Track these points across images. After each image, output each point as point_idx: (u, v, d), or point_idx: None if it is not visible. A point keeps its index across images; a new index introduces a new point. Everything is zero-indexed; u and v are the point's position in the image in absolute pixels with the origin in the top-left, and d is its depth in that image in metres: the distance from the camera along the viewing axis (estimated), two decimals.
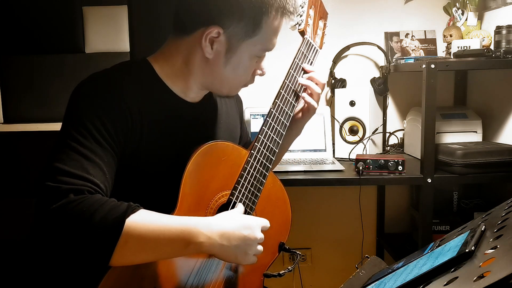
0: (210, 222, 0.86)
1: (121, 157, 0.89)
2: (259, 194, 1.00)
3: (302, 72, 1.09)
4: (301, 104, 1.12)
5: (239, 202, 0.97)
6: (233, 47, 0.93)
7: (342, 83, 1.91)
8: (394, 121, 2.03)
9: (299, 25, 1.07)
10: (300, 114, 1.13)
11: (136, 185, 0.92)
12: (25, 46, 2.71)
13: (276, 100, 1.04)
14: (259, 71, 1.02)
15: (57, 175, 0.80)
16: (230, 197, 0.97)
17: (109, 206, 0.79)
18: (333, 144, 1.84)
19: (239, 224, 0.89)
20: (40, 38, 2.70)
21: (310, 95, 1.09)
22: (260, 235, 0.91)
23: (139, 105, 0.91)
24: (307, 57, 1.08)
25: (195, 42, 0.94)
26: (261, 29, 0.93)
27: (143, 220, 0.81)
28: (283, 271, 1.02)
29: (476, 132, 1.73)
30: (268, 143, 1.02)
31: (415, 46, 1.94)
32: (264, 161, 1.01)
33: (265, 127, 1.02)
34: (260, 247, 0.92)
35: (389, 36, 1.96)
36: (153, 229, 0.81)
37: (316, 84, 1.09)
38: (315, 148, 1.80)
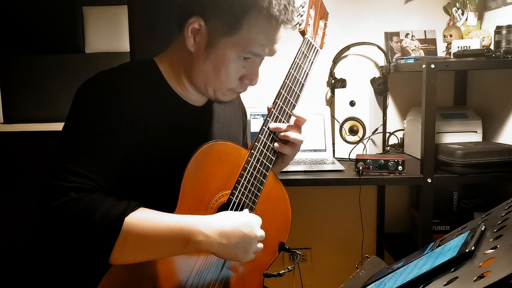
0: (209, 221, 0.86)
1: (125, 156, 0.89)
2: (259, 194, 1.00)
3: (305, 77, 1.07)
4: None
5: (239, 201, 0.97)
6: (213, 42, 0.92)
7: (342, 83, 1.91)
8: (394, 121, 2.03)
9: (300, 25, 1.07)
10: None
11: (137, 184, 0.92)
12: (25, 46, 2.71)
13: (277, 100, 1.04)
14: (246, 80, 0.97)
15: (60, 173, 0.80)
16: (231, 196, 0.97)
17: (108, 205, 0.80)
18: (333, 144, 1.84)
19: (239, 222, 0.89)
20: (40, 38, 2.70)
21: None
22: (260, 233, 0.91)
23: (144, 106, 0.91)
24: (308, 57, 1.08)
25: (184, 37, 0.94)
26: (241, 29, 0.90)
27: (142, 218, 0.81)
28: (283, 271, 1.02)
29: (476, 132, 1.73)
30: (268, 143, 1.02)
31: (415, 46, 1.94)
32: (265, 160, 1.01)
33: (266, 127, 1.02)
34: (260, 245, 0.92)
35: (389, 36, 1.96)
36: (153, 227, 0.82)
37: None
38: (315, 148, 1.80)
